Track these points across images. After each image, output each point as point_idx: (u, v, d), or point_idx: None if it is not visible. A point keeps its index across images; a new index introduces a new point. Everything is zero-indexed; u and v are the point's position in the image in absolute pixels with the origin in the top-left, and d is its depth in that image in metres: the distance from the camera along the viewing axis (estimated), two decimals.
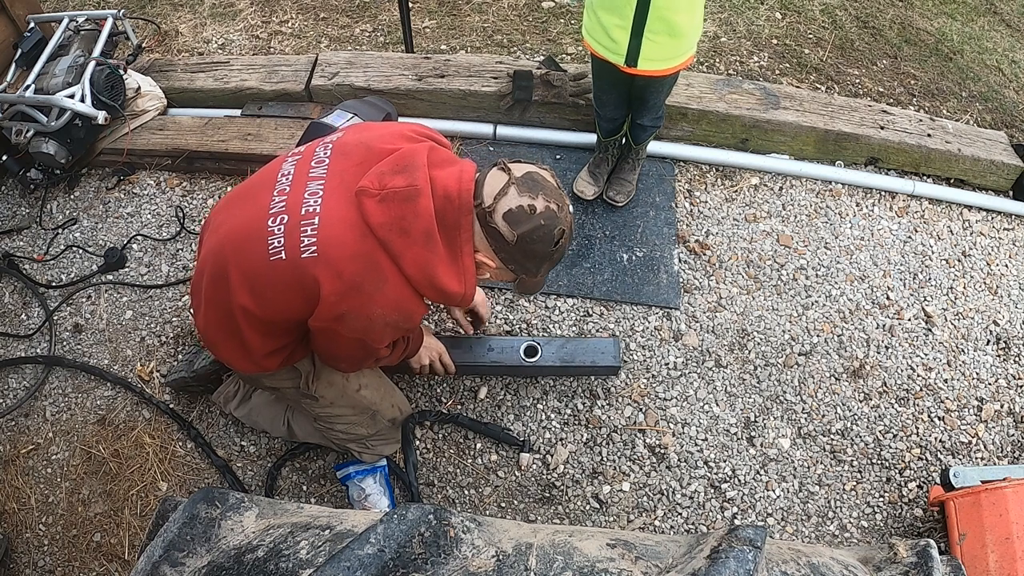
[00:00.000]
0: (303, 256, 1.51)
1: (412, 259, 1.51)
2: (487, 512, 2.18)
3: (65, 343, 2.50)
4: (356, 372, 1.94)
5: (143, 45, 3.24)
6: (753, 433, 2.31)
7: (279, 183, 1.62)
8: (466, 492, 2.21)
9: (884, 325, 2.53)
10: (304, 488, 2.23)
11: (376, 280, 1.51)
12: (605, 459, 2.25)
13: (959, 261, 2.69)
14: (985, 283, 2.65)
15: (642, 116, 2.46)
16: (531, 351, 2.24)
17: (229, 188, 2.86)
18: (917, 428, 2.33)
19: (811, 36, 3.51)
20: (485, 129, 2.93)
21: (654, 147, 2.89)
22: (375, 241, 1.50)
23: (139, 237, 2.74)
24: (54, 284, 2.63)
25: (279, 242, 1.53)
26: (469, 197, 1.52)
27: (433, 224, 1.50)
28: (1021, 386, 2.43)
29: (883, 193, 2.84)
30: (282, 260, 1.53)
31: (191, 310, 2.09)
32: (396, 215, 1.49)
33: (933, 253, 2.71)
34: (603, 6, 2.08)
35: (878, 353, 2.47)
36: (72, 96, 2.68)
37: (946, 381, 2.43)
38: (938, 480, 2.12)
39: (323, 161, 1.62)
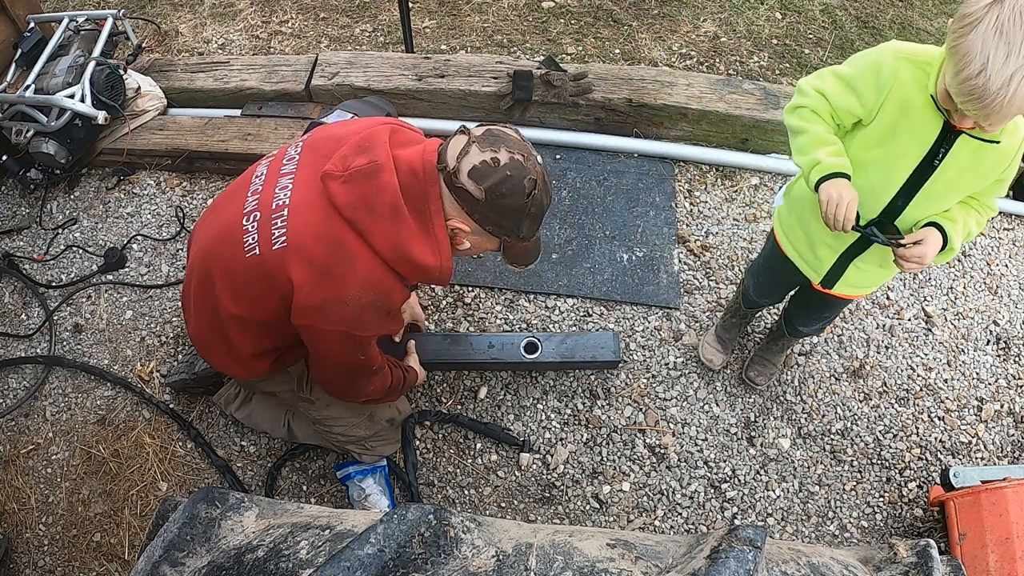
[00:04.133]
0: (274, 248, 1.52)
1: (381, 235, 1.50)
2: (487, 512, 2.18)
3: (65, 343, 2.50)
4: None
5: (143, 45, 3.24)
6: (753, 433, 2.31)
7: (253, 184, 1.64)
8: (466, 492, 2.21)
9: (884, 325, 2.53)
10: (304, 488, 2.23)
11: (345, 260, 1.50)
12: (605, 459, 2.25)
13: (959, 261, 2.69)
14: (985, 283, 2.65)
15: (806, 324, 2.10)
16: (531, 347, 2.24)
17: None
18: (917, 428, 2.33)
19: (811, 36, 3.51)
20: None
21: (654, 147, 2.89)
22: (341, 221, 1.50)
23: (139, 237, 2.74)
24: (54, 284, 2.63)
25: (253, 239, 1.55)
26: (433, 168, 1.50)
27: (399, 198, 1.49)
28: (1021, 386, 2.43)
29: None
30: (257, 256, 1.54)
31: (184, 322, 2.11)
32: (360, 193, 1.49)
33: None
34: (815, 216, 1.57)
35: (878, 353, 2.47)
36: (72, 96, 2.68)
37: (946, 381, 2.43)
38: (938, 480, 2.12)
39: (293, 158, 1.63)
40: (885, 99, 1.42)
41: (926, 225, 1.50)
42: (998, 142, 1.35)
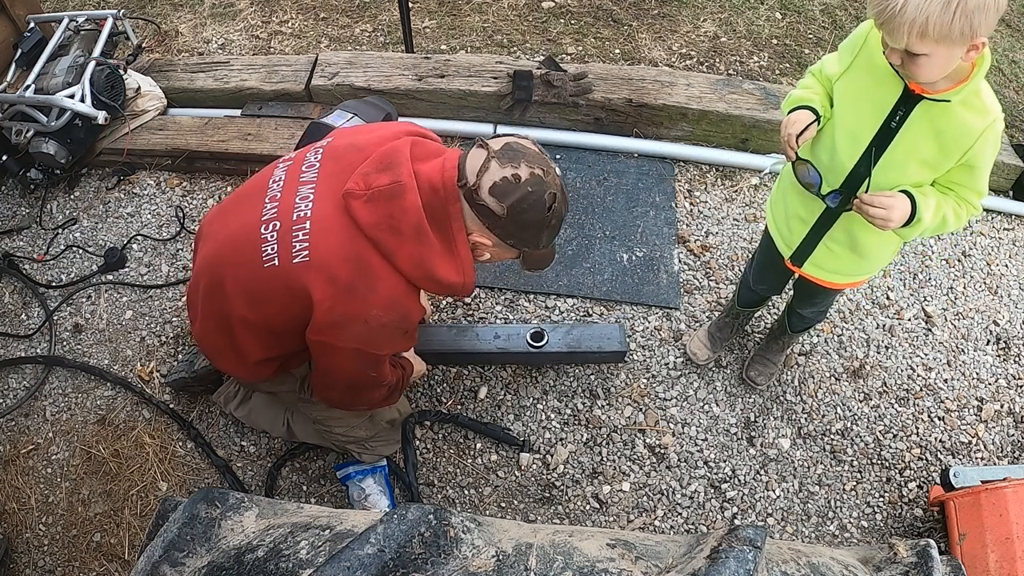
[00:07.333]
0: (295, 261, 1.50)
1: (406, 256, 1.50)
2: (487, 512, 2.18)
3: (65, 343, 2.50)
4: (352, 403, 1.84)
5: (143, 45, 3.24)
6: (753, 433, 2.31)
7: (270, 189, 1.61)
8: (466, 492, 2.21)
9: (884, 325, 2.53)
10: (304, 488, 2.23)
11: (369, 281, 1.50)
12: (605, 459, 2.25)
13: (959, 261, 2.69)
14: (985, 283, 2.65)
15: (803, 307, 2.11)
16: (537, 337, 2.24)
17: (230, 188, 2.86)
18: (917, 428, 2.33)
19: (811, 36, 3.51)
20: (485, 129, 2.94)
21: (654, 147, 2.89)
22: (366, 242, 1.49)
23: (139, 237, 2.74)
24: (54, 284, 2.63)
25: (272, 249, 1.53)
26: (454, 184, 1.49)
27: (422, 218, 1.48)
28: (1021, 386, 2.43)
29: None
30: (275, 267, 1.52)
31: (188, 321, 2.10)
32: (384, 214, 1.48)
33: (933, 253, 2.71)
34: (796, 190, 1.72)
35: (878, 353, 2.47)
36: (72, 96, 2.68)
37: (946, 381, 2.43)
38: (938, 480, 2.12)
39: (313, 165, 1.61)
40: (855, 57, 1.51)
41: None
42: (948, 101, 1.38)
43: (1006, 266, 2.70)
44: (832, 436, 2.31)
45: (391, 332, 1.58)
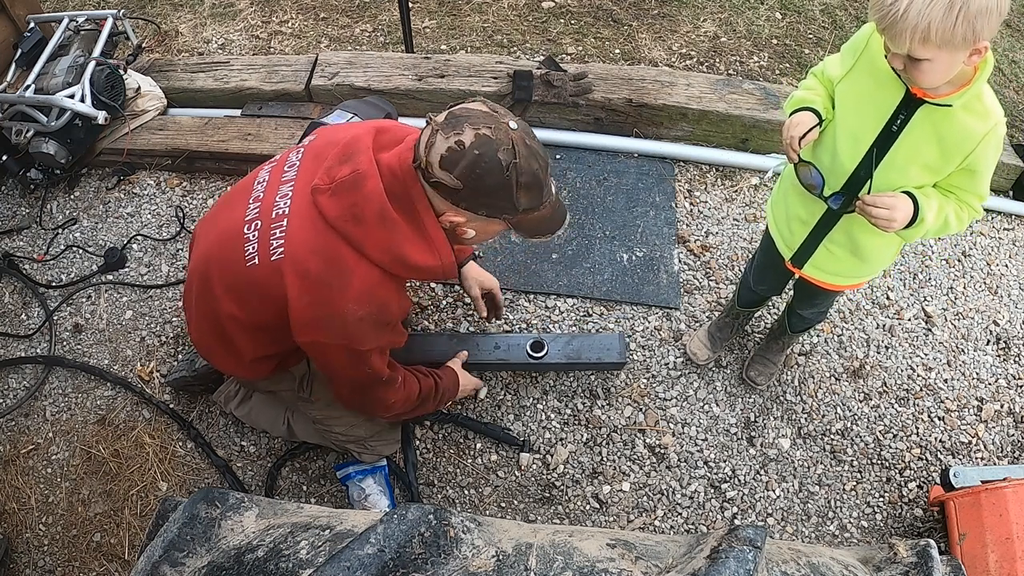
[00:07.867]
0: (272, 259, 1.51)
1: (374, 243, 1.49)
2: (487, 512, 2.18)
3: (65, 343, 2.50)
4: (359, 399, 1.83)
5: (143, 45, 3.24)
6: (753, 433, 2.31)
7: (255, 190, 1.63)
8: (466, 492, 2.21)
9: (884, 325, 2.53)
10: (304, 488, 2.23)
11: (341, 274, 1.50)
12: (605, 459, 2.25)
13: (959, 261, 2.69)
14: (985, 283, 2.65)
15: (803, 307, 2.11)
16: (537, 348, 2.24)
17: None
18: (917, 428, 2.34)
19: (811, 36, 3.51)
20: None
21: (654, 147, 2.89)
22: (335, 235, 1.49)
23: (139, 237, 2.74)
24: (54, 284, 2.63)
25: (253, 248, 1.54)
26: (410, 167, 1.46)
27: (385, 204, 1.46)
28: (1021, 386, 2.43)
29: None
30: (256, 265, 1.54)
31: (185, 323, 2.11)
32: (348, 204, 1.48)
33: (933, 253, 2.71)
34: (797, 191, 1.72)
35: (878, 353, 2.47)
36: (72, 96, 2.68)
37: (946, 381, 2.43)
38: (938, 480, 2.13)
39: (295, 165, 1.62)
40: (857, 60, 1.51)
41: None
42: (950, 105, 1.37)
43: (1006, 266, 2.70)
44: (832, 436, 2.31)
45: (369, 326, 1.56)
